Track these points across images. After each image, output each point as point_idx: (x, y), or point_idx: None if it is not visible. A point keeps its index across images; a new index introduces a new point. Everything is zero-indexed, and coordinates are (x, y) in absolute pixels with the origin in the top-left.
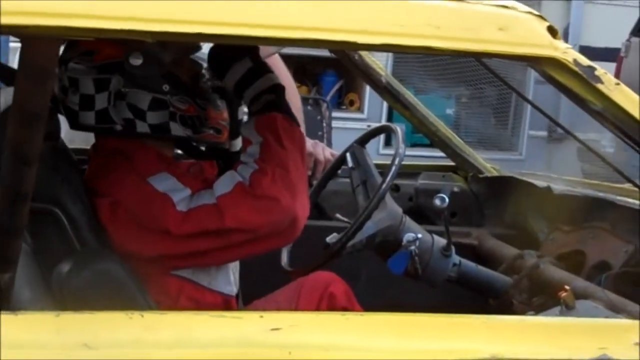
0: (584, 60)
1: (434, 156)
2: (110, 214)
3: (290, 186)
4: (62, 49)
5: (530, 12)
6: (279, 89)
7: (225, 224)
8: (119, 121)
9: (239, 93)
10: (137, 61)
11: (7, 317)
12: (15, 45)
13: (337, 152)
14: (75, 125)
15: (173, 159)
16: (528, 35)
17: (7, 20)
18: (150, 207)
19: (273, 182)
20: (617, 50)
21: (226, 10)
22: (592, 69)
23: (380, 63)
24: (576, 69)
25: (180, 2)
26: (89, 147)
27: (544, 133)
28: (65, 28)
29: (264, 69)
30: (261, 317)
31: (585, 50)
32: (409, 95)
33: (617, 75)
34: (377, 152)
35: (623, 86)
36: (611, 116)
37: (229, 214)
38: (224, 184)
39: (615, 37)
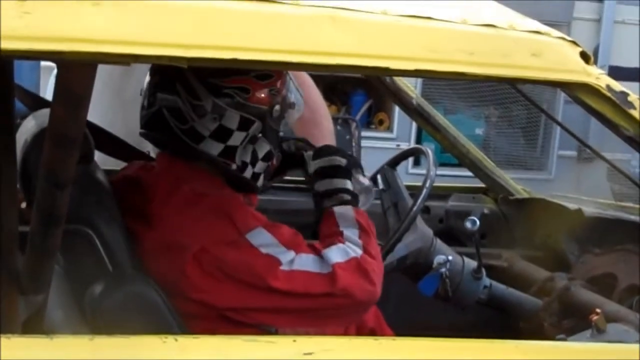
0: (617, 86)
1: (463, 176)
2: (193, 261)
3: (380, 275)
4: (211, 73)
5: (563, 38)
6: (354, 195)
7: (334, 288)
8: (238, 162)
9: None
10: (277, 113)
11: (42, 341)
12: (46, 64)
13: (367, 172)
14: (182, 147)
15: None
16: (561, 60)
17: (43, 46)
18: (255, 266)
19: (377, 266)
20: None
21: (260, 36)
22: (625, 94)
23: (410, 84)
24: (609, 94)
25: (215, 27)
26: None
27: (573, 153)
28: (101, 54)
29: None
30: (294, 341)
31: (615, 71)
32: (439, 116)
33: None
34: (406, 172)
35: None
36: None
37: (341, 284)
38: (337, 253)
39: None
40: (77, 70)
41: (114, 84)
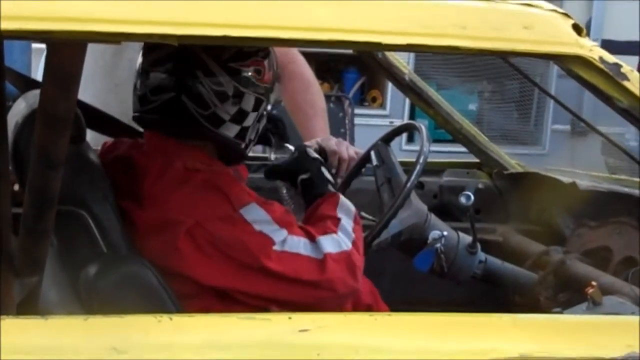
0: (610, 58)
1: (457, 151)
2: (186, 236)
3: (361, 271)
4: (230, 57)
5: (555, 10)
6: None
7: (321, 277)
8: (247, 140)
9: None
10: (276, 87)
11: (36, 322)
12: (37, 46)
13: (361, 149)
14: (202, 130)
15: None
16: (553, 33)
17: (33, 25)
18: (248, 244)
19: (361, 262)
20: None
21: (250, 12)
22: (619, 66)
23: (403, 60)
24: (602, 66)
25: (205, 5)
26: None
27: (567, 127)
28: (91, 33)
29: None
30: (290, 318)
31: (607, 44)
32: (432, 92)
33: (639, 69)
34: (399, 149)
35: None
36: (638, 113)
37: (328, 274)
38: (331, 243)
39: (637, 31)
40: (67, 49)
41: (106, 65)
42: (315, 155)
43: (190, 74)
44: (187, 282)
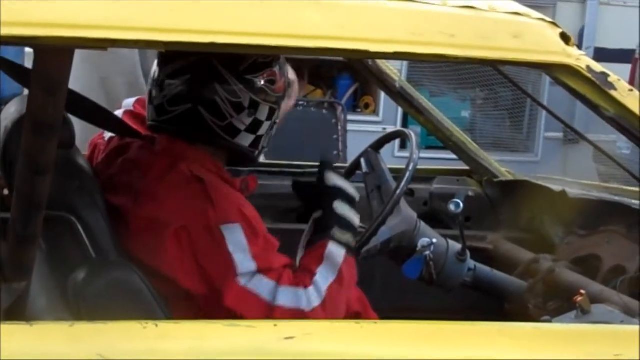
0: (597, 67)
1: (449, 158)
2: (173, 236)
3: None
4: (246, 68)
5: (543, 19)
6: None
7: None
8: (260, 148)
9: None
10: (289, 94)
11: (22, 328)
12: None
13: (353, 155)
14: (218, 140)
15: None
16: (541, 42)
17: (19, 31)
18: (217, 263)
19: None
20: (633, 51)
21: (239, 20)
22: (606, 75)
23: (395, 67)
24: (589, 75)
25: (193, 12)
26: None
27: (559, 134)
28: (78, 39)
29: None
30: (275, 325)
31: (600, 52)
32: (423, 100)
33: (632, 76)
34: (392, 155)
35: (637, 92)
36: (625, 122)
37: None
38: (290, 297)
39: (630, 38)
40: (54, 55)
41: (90, 59)
42: (337, 182)
43: (207, 85)
44: (170, 282)
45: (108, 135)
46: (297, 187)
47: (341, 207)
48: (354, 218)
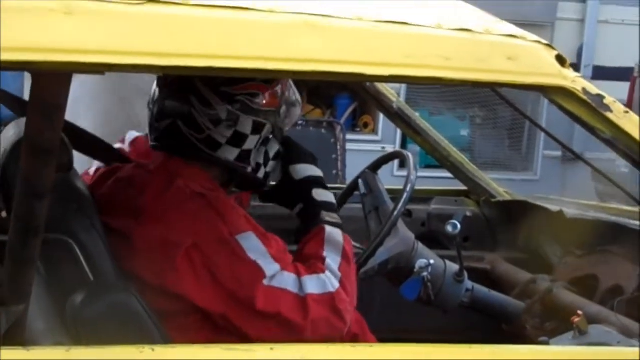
0: (593, 89)
1: (448, 177)
2: (185, 256)
3: (352, 311)
4: (222, 82)
5: (538, 42)
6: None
7: (305, 321)
8: (253, 164)
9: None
10: (284, 113)
11: (19, 352)
12: None
13: (352, 175)
14: (200, 154)
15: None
16: (537, 64)
17: (16, 56)
18: (241, 273)
19: (349, 304)
20: (631, 69)
21: (235, 43)
22: (601, 97)
23: (394, 88)
24: (585, 97)
25: (189, 36)
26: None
27: (558, 153)
28: (75, 64)
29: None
30: (272, 349)
31: (598, 71)
32: (420, 120)
33: (630, 94)
34: (391, 174)
35: (632, 114)
36: (621, 144)
37: (312, 316)
38: (316, 284)
39: (628, 57)
40: (51, 80)
41: (111, 82)
42: (302, 173)
43: (184, 100)
44: (179, 300)
45: (93, 168)
46: (266, 197)
47: (318, 193)
48: (331, 197)
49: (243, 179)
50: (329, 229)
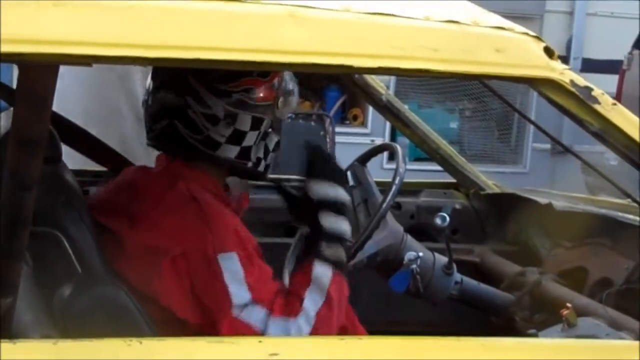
0: (581, 81)
1: (437, 170)
2: (171, 263)
3: None
4: (217, 79)
5: (526, 33)
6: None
7: None
8: (254, 159)
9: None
10: (282, 104)
11: (5, 346)
12: None
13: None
14: (200, 155)
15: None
16: (525, 56)
17: (3, 48)
18: (215, 292)
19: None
20: (620, 62)
21: (222, 35)
22: (589, 89)
23: (383, 80)
24: (573, 89)
25: (177, 27)
26: (89, 168)
27: (547, 146)
28: (62, 55)
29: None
30: (260, 342)
31: (587, 63)
32: (409, 113)
33: (619, 88)
34: (380, 167)
35: (620, 106)
36: (609, 136)
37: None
38: (281, 330)
39: (617, 49)
40: (39, 71)
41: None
42: (320, 192)
43: (180, 100)
44: (165, 310)
45: None
46: (289, 209)
47: (327, 220)
48: (343, 227)
49: (242, 172)
50: (318, 267)
